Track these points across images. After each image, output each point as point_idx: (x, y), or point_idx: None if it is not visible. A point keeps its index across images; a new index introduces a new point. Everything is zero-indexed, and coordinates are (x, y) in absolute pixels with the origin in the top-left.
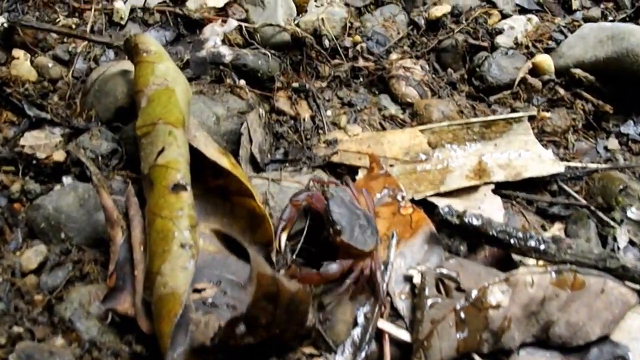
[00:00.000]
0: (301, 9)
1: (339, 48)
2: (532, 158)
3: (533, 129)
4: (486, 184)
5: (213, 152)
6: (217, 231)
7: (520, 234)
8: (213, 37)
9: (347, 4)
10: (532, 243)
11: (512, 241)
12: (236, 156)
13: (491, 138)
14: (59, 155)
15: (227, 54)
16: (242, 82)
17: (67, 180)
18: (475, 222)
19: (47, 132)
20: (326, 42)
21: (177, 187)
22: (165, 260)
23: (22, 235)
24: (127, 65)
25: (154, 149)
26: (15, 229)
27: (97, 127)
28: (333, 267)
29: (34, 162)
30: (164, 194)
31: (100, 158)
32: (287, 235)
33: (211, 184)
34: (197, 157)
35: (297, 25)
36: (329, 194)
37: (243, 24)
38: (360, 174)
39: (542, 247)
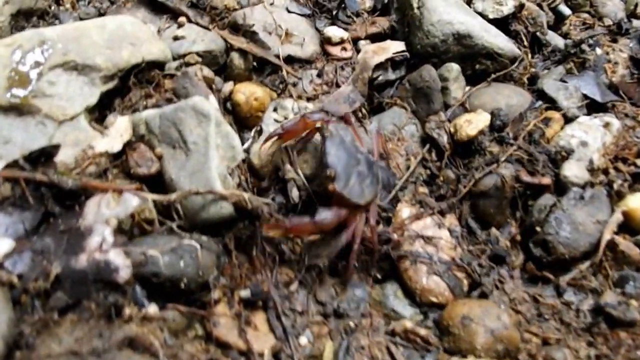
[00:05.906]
0: (253, 123)
1: (315, 202)
2: None
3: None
4: None
5: None
6: None
7: None
8: (99, 226)
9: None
10: None
11: None
12: None
13: None
14: None
15: (123, 265)
16: (153, 308)
17: None
18: None
19: None
20: (294, 193)
21: None
22: None
23: None
24: None
25: None
26: None
27: None
28: (327, 216)
29: None
30: None
31: None
32: (277, 147)
33: None
34: None
35: (247, 161)
36: (327, 131)
37: (150, 197)
38: None
39: None
